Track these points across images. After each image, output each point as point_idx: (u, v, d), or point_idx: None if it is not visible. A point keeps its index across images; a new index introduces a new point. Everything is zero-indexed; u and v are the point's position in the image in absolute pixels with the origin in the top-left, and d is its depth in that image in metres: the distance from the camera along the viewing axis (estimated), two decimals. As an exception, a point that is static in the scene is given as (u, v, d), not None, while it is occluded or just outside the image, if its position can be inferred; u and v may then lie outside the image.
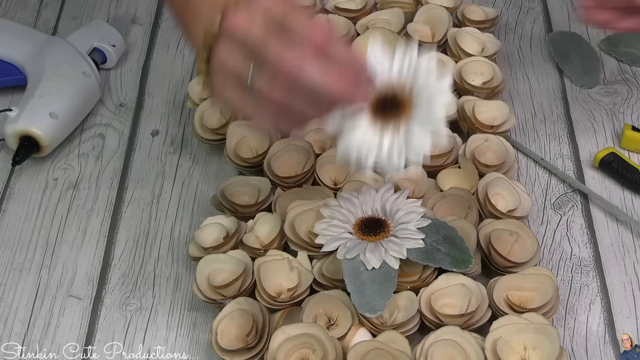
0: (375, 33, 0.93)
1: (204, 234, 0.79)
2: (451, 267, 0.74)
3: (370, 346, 0.69)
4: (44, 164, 0.92)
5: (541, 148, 0.90)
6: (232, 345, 0.71)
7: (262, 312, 0.73)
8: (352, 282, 0.72)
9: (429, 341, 0.70)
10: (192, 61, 1.02)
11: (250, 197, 0.82)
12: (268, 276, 0.75)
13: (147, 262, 0.83)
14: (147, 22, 1.08)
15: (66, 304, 0.80)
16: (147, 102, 0.98)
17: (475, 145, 0.86)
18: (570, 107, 0.94)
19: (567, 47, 0.99)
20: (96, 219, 0.87)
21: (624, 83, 0.96)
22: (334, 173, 0.84)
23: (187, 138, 0.94)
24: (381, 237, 0.75)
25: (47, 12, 1.10)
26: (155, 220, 0.86)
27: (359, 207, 0.77)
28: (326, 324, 0.73)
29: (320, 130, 0.87)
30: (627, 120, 0.92)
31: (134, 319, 0.78)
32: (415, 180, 0.83)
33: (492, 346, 0.69)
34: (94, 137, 0.95)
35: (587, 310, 0.77)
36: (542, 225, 0.83)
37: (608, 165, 0.86)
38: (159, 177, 0.90)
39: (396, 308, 0.73)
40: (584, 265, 0.80)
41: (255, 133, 0.87)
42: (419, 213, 0.76)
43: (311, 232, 0.77)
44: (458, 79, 0.91)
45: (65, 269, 0.83)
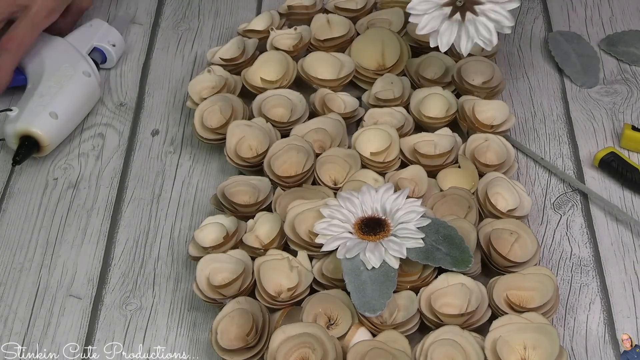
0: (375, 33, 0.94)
1: (203, 234, 0.79)
2: (451, 267, 0.74)
3: (370, 346, 0.69)
4: (44, 163, 0.92)
5: (541, 148, 0.90)
6: (232, 345, 0.71)
7: (262, 311, 0.73)
8: (352, 282, 0.72)
9: (428, 341, 0.70)
10: (192, 61, 1.03)
11: (250, 196, 0.82)
12: (268, 276, 0.75)
13: (147, 261, 0.83)
14: (147, 22, 1.08)
15: (66, 304, 0.80)
16: (147, 102, 0.98)
17: (475, 145, 0.86)
18: (570, 106, 0.94)
19: (567, 47, 1.00)
20: (96, 219, 0.87)
21: (624, 83, 0.96)
22: (334, 173, 0.84)
23: (187, 138, 0.94)
24: (381, 236, 0.75)
25: (47, 11, 1.10)
26: (155, 219, 0.86)
27: (359, 206, 0.77)
28: (326, 324, 0.73)
29: (320, 130, 0.87)
30: (627, 120, 0.92)
31: (134, 318, 0.78)
32: (415, 180, 0.83)
33: (492, 346, 0.69)
34: (94, 137, 0.95)
35: (587, 310, 0.77)
36: (542, 225, 0.83)
37: (608, 165, 0.86)
38: (159, 177, 0.90)
39: (396, 308, 0.73)
40: (584, 264, 0.80)
41: (255, 133, 0.87)
42: (418, 212, 0.76)
43: (311, 232, 0.77)
44: (458, 78, 0.91)
45: (65, 268, 0.83)
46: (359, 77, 0.94)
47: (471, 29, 0.76)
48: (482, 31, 0.75)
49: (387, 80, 0.92)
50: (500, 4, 0.75)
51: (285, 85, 0.93)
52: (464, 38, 0.77)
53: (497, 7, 0.75)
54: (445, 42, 0.79)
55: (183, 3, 1.10)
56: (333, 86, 0.92)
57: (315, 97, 0.91)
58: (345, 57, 0.94)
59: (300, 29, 0.98)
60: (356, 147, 0.85)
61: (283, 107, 0.90)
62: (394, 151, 0.85)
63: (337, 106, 0.90)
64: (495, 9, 0.75)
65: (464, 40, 0.78)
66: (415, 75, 0.93)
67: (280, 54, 0.94)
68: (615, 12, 1.05)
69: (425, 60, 0.93)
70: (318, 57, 0.94)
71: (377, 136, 0.86)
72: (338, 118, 0.88)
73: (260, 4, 1.09)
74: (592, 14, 1.05)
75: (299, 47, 0.96)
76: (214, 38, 1.05)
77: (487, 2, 0.75)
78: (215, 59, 0.96)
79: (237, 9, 1.09)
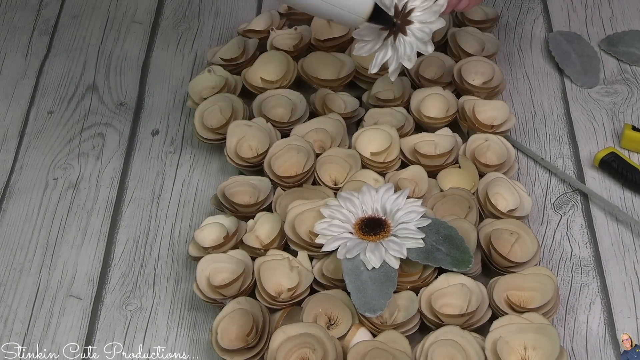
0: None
1: (204, 234, 0.79)
2: (451, 267, 0.74)
3: (371, 346, 0.69)
4: (44, 163, 0.92)
5: (541, 148, 0.90)
6: (232, 345, 0.71)
7: (262, 311, 0.73)
8: (352, 282, 0.72)
9: (429, 341, 0.70)
10: (192, 61, 1.02)
11: (250, 196, 0.82)
12: (268, 276, 0.75)
13: (147, 262, 0.83)
14: (147, 21, 1.08)
15: (66, 304, 0.80)
16: (147, 102, 0.98)
17: (476, 145, 0.86)
18: (570, 107, 0.94)
19: (567, 47, 0.99)
20: (96, 219, 0.87)
21: (624, 83, 0.96)
22: (334, 173, 0.84)
23: (187, 138, 0.94)
24: (381, 236, 0.75)
25: (47, 11, 1.10)
26: (155, 220, 0.86)
27: (359, 206, 0.77)
28: (326, 324, 0.73)
29: (320, 130, 0.87)
30: (627, 120, 0.92)
31: (134, 318, 0.78)
32: (416, 180, 0.83)
33: (492, 346, 0.69)
34: (94, 137, 0.95)
35: (587, 310, 0.77)
36: (542, 225, 0.83)
37: (608, 165, 0.86)
38: (159, 177, 0.90)
39: (396, 308, 0.73)
40: (584, 265, 0.80)
41: (255, 133, 0.87)
42: (419, 213, 0.76)
43: (311, 232, 0.77)
44: (458, 78, 0.91)
45: (66, 268, 0.83)
46: (359, 77, 0.94)
47: (400, 49, 0.77)
48: (407, 49, 0.77)
49: (387, 80, 0.92)
50: (427, 24, 0.77)
51: (286, 85, 0.93)
52: (394, 59, 0.78)
53: (424, 27, 0.76)
54: (378, 62, 0.80)
55: (183, 3, 1.10)
56: (333, 86, 0.92)
57: (315, 97, 0.91)
58: (346, 57, 0.94)
59: (300, 29, 0.97)
60: (356, 147, 0.85)
61: (283, 107, 0.90)
62: (394, 151, 0.85)
63: (338, 106, 0.90)
64: (422, 28, 0.76)
65: (393, 61, 0.78)
66: (416, 75, 0.93)
67: (280, 54, 0.94)
68: (616, 12, 1.05)
69: (425, 60, 0.93)
70: (318, 57, 0.94)
71: (378, 136, 0.86)
72: (338, 118, 0.88)
73: (260, 4, 1.09)
74: (593, 14, 1.05)
75: (299, 47, 0.96)
76: (214, 38, 1.05)
77: (416, 22, 0.77)
78: (216, 59, 0.96)
79: (237, 9, 1.09)
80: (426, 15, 0.77)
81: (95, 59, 1.04)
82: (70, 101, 0.99)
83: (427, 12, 0.77)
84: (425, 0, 0.78)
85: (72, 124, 0.96)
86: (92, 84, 1.01)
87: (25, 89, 1.01)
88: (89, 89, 1.00)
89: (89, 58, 1.04)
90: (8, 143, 0.95)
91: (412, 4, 0.77)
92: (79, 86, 1.01)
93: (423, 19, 0.77)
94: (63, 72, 1.02)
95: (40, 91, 1.00)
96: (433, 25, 0.77)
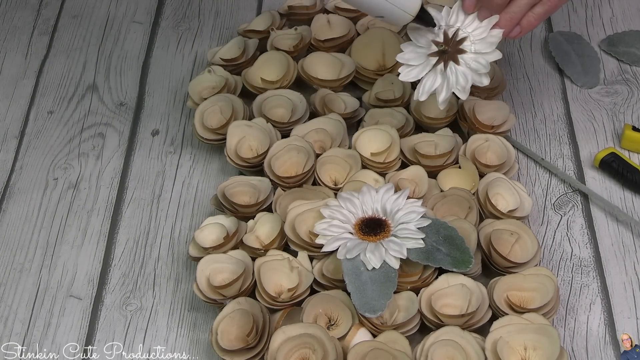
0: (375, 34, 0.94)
1: (204, 234, 0.79)
2: (451, 267, 0.74)
3: (371, 346, 0.69)
4: (44, 163, 0.92)
5: (541, 148, 0.90)
6: (232, 346, 0.71)
7: (263, 312, 0.73)
8: (353, 282, 0.72)
9: (429, 341, 0.70)
10: (192, 60, 1.02)
11: (250, 197, 0.82)
12: (268, 276, 0.75)
13: (147, 262, 0.83)
14: (147, 21, 1.08)
15: (66, 304, 0.80)
16: (147, 102, 0.98)
17: (476, 146, 0.86)
18: (570, 107, 0.94)
19: (567, 47, 0.99)
20: (96, 219, 0.87)
21: (624, 83, 0.96)
22: (334, 173, 0.84)
23: (187, 138, 0.94)
24: (381, 237, 0.75)
25: (47, 11, 1.10)
26: (155, 220, 0.86)
27: (359, 207, 0.77)
28: (326, 324, 0.73)
29: (320, 131, 0.87)
30: (627, 120, 0.92)
31: (134, 319, 0.78)
32: (416, 180, 0.83)
33: (493, 346, 0.69)
34: (94, 137, 0.95)
35: (587, 310, 0.77)
36: (542, 226, 0.83)
37: (608, 166, 0.86)
38: (159, 177, 0.90)
39: (396, 308, 0.73)
40: (584, 265, 0.80)
41: (256, 133, 0.87)
42: (419, 213, 0.76)
43: (311, 232, 0.77)
44: (458, 79, 0.91)
45: (66, 269, 0.83)
46: (359, 78, 0.94)
47: (452, 78, 0.76)
48: (460, 79, 0.75)
49: (388, 80, 0.92)
50: (483, 54, 0.75)
51: (286, 86, 0.93)
52: (444, 87, 0.76)
53: (479, 58, 0.75)
54: (427, 90, 0.78)
55: (183, 3, 1.10)
56: (333, 86, 0.92)
57: (315, 97, 0.91)
58: (346, 58, 0.94)
59: (300, 29, 0.97)
60: (357, 148, 0.85)
61: (283, 108, 0.90)
62: (394, 151, 0.85)
63: (338, 106, 0.90)
64: (477, 59, 0.75)
65: (444, 90, 0.76)
66: (416, 75, 0.93)
67: (280, 54, 0.94)
68: (616, 12, 1.04)
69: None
70: (318, 57, 0.94)
71: (378, 136, 0.86)
72: (338, 118, 0.88)
73: (260, 4, 1.09)
74: (593, 15, 1.05)
75: (299, 47, 0.96)
76: (214, 38, 1.05)
77: (471, 53, 0.76)
78: (216, 59, 0.96)
79: (237, 9, 1.09)
80: (482, 45, 0.76)
81: (95, 59, 1.04)
82: (70, 101, 0.99)
83: (483, 43, 0.76)
84: (478, 28, 0.76)
85: (72, 124, 0.96)
86: (92, 84, 1.01)
87: (25, 89, 1.01)
88: (89, 89, 1.00)
89: (89, 58, 1.04)
90: (8, 143, 0.95)
91: (464, 32, 0.76)
92: (79, 86, 1.01)
93: (478, 49, 0.76)
94: (63, 72, 1.02)
95: (40, 91, 1.00)
96: (489, 56, 0.76)
